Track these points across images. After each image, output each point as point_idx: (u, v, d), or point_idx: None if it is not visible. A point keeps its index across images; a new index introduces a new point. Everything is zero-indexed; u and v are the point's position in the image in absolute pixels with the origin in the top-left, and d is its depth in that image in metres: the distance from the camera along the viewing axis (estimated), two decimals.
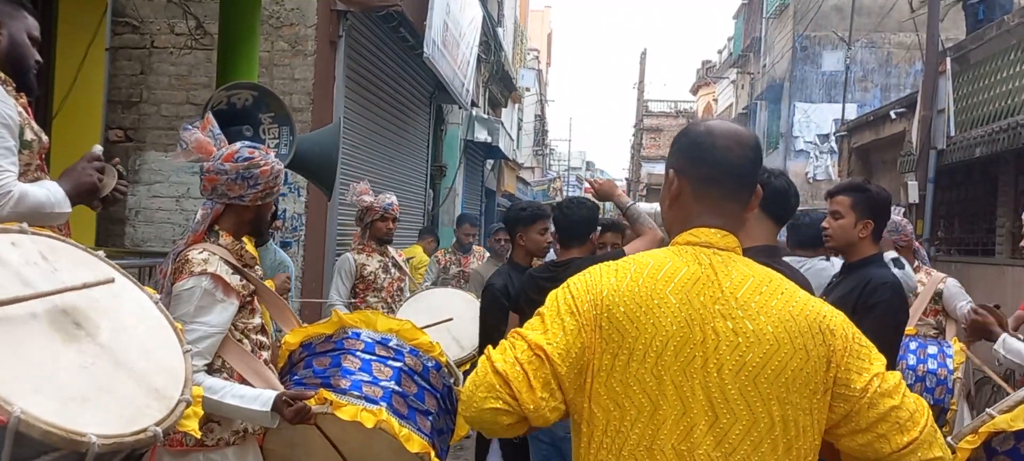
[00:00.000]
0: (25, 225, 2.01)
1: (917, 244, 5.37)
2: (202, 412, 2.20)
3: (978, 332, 3.32)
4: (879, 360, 1.69)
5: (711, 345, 1.61)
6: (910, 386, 4.02)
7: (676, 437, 1.60)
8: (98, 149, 2.55)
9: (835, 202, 3.54)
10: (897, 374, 1.71)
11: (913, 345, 4.37)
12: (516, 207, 4.58)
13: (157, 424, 1.81)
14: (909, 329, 4.59)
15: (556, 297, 1.71)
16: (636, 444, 1.62)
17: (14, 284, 1.79)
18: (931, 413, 1.70)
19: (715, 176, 1.75)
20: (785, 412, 1.61)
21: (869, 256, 3.52)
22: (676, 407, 1.61)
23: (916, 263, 5.12)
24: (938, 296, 4.99)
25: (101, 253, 2.20)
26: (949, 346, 4.42)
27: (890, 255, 4.42)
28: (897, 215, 5.16)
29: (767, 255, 2.66)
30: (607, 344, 1.64)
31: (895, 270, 3.80)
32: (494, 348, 1.70)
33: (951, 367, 4.26)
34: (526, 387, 1.62)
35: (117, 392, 1.82)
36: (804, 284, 2.71)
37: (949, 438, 2.54)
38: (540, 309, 1.72)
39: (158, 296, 2.28)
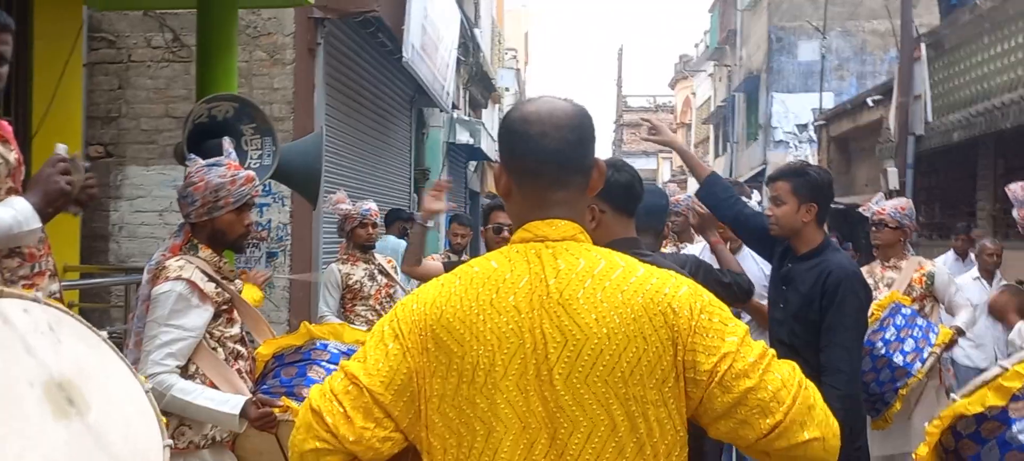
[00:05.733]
0: (39, 294, 2.03)
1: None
2: None
3: (1000, 313, 3.30)
4: (734, 335, 1.50)
5: (541, 352, 1.47)
6: (888, 341, 4.08)
7: (518, 457, 1.47)
8: (61, 148, 2.45)
9: (775, 188, 3.45)
10: (759, 346, 1.51)
11: (907, 311, 4.41)
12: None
13: None
14: (905, 299, 4.58)
15: (382, 321, 1.60)
16: None
17: (16, 349, 1.81)
18: (805, 386, 1.51)
19: (534, 166, 1.58)
20: (629, 409, 1.46)
21: (819, 244, 3.40)
22: (513, 425, 1.47)
23: (905, 252, 5.00)
24: (931, 279, 4.88)
25: (104, 334, 2.21)
26: (936, 330, 4.44)
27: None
28: (906, 200, 5.08)
29: (628, 248, 2.65)
30: (436, 367, 1.50)
31: None
32: None
33: (933, 341, 4.31)
34: (343, 420, 1.50)
35: None
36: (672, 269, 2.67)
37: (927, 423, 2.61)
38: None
39: (149, 386, 2.26)
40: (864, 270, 5.10)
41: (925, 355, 4.24)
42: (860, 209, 5.22)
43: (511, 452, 1.47)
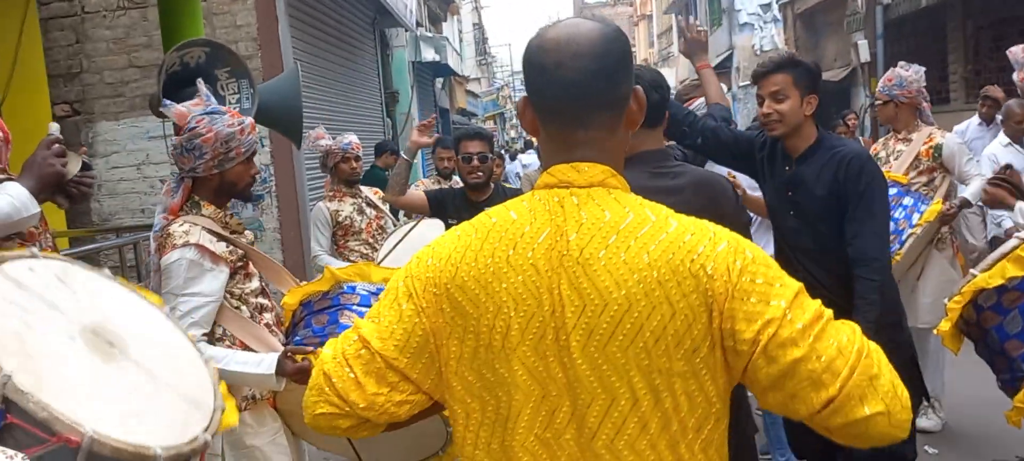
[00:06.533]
0: (36, 250, 1.99)
1: (925, 104, 4.91)
2: (234, 401, 2.27)
3: (995, 204, 3.30)
4: (780, 297, 1.31)
5: (559, 315, 1.35)
6: None
7: (539, 425, 1.37)
8: (54, 127, 2.41)
9: (772, 83, 3.17)
10: (811, 308, 1.33)
11: (892, 190, 4.37)
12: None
13: (205, 430, 1.87)
14: (899, 177, 4.48)
15: (396, 278, 1.49)
16: (500, 440, 1.40)
17: (41, 308, 1.78)
18: (867, 353, 1.30)
19: (555, 104, 1.41)
20: (652, 382, 1.32)
21: (818, 138, 3.19)
22: (533, 392, 1.37)
23: (917, 122, 4.82)
24: (938, 151, 4.71)
25: (106, 271, 2.18)
26: (925, 204, 4.40)
27: None
28: (895, 71, 4.87)
29: (657, 161, 2.48)
30: (452, 329, 1.41)
31: None
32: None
33: (913, 221, 4.26)
34: (354, 386, 1.43)
35: (161, 404, 1.86)
36: (707, 182, 2.48)
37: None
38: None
39: (167, 309, 2.27)
40: (879, 144, 5.07)
41: (904, 236, 4.19)
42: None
43: (532, 420, 1.38)
